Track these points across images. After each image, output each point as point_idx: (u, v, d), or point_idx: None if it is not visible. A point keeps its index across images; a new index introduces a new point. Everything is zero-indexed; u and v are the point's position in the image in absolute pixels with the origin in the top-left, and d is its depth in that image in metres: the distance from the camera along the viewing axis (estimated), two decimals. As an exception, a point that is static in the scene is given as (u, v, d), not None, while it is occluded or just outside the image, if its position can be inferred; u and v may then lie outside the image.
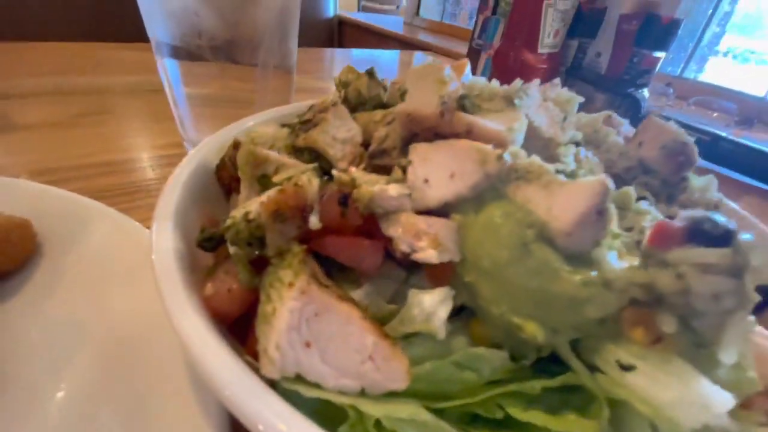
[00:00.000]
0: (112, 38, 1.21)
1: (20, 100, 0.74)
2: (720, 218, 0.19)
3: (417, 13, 2.51)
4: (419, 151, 0.24)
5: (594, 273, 0.19)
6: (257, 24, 0.49)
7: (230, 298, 0.22)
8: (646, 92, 1.19)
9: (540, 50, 1.11)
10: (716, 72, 1.66)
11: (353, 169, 0.25)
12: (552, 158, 0.29)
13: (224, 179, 0.34)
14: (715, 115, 1.35)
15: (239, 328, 0.24)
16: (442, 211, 0.23)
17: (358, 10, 4.68)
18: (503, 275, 0.20)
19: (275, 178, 0.23)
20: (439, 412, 0.21)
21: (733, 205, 0.41)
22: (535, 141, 0.29)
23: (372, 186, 0.22)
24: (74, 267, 0.35)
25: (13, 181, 0.38)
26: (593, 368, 0.21)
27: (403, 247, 0.22)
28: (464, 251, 0.22)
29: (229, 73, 0.53)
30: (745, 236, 0.18)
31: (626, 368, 0.19)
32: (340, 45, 2.51)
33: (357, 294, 0.23)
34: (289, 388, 0.18)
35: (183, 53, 0.49)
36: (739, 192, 0.86)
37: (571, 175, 0.23)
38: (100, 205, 0.38)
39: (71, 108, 0.76)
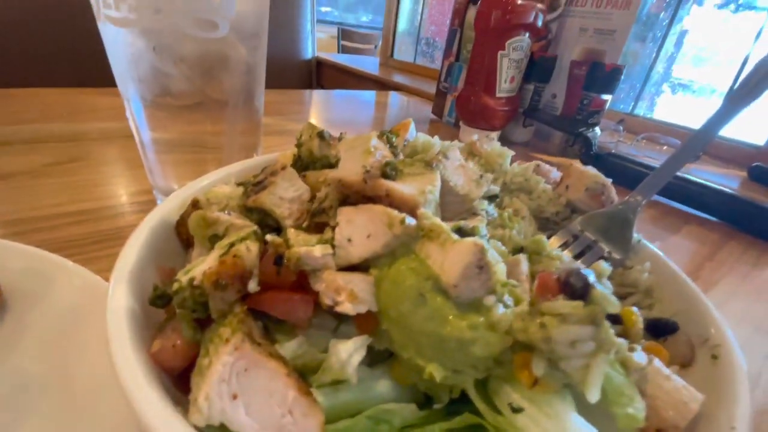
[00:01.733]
0: (92, 83, 1.25)
1: (-4, 150, 0.77)
2: (585, 272, 0.23)
3: (391, 54, 2.66)
4: (345, 214, 0.28)
5: (482, 318, 0.23)
6: (224, 86, 0.54)
7: (174, 353, 0.24)
8: (598, 130, 1.29)
9: (498, 94, 1.21)
10: (665, 108, 1.81)
11: (291, 230, 0.29)
12: (468, 211, 0.34)
13: (183, 234, 0.37)
14: (664, 148, 1.46)
15: (185, 379, 0.26)
16: (364, 265, 0.27)
17: (338, 51, 4.89)
18: (407, 322, 0.24)
19: (218, 244, 0.26)
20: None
21: (649, 245, 0.46)
22: (452, 197, 0.33)
23: (302, 246, 0.26)
24: (37, 323, 0.37)
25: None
26: (497, 409, 0.24)
27: (326, 300, 0.25)
28: (379, 302, 0.25)
29: (196, 117, 0.56)
30: (600, 288, 0.22)
31: (516, 410, 0.22)
32: (319, 85, 2.62)
33: (292, 344, 0.26)
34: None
35: (154, 105, 0.53)
36: (681, 222, 0.93)
37: (471, 232, 0.27)
38: (64, 260, 0.40)
39: (45, 156, 0.79)
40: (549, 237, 0.48)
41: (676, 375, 0.28)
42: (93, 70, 1.45)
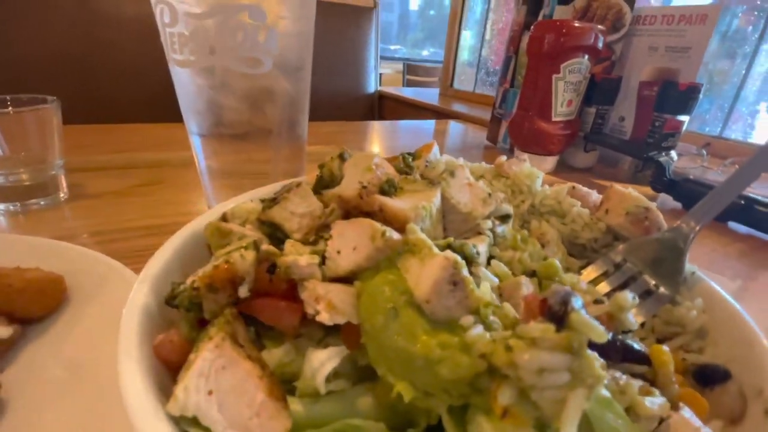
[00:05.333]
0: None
1: (93, 173, 0.92)
2: (568, 294, 0.21)
3: (451, 84, 2.70)
4: (338, 227, 0.29)
5: (455, 338, 0.22)
6: (267, 116, 0.60)
7: (172, 348, 0.27)
8: (674, 154, 1.16)
9: (554, 118, 1.16)
10: (764, 131, 1.58)
11: (289, 242, 0.30)
12: (472, 230, 0.33)
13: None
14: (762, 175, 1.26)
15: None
16: (351, 278, 0.28)
17: (404, 85, 5.09)
18: (379, 337, 0.23)
19: (218, 253, 0.29)
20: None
21: (703, 276, 0.40)
22: (455, 215, 0.33)
23: (293, 256, 0.27)
24: (92, 317, 0.43)
25: (57, 243, 0.49)
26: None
27: (309, 309, 0.26)
28: (359, 315, 0.25)
29: (245, 148, 0.63)
30: (580, 314, 0.20)
31: None
32: (381, 117, 2.74)
33: (278, 351, 0.27)
34: (184, 428, 0.22)
35: (210, 139, 0.60)
36: (780, 260, 0.78)
37: (460, 249, 0.26)
38: (122, 267, 0.46)
39: (132, 179, 0.92)
40: (586, 266, 0.45)
41: (709, 429, 0.24)
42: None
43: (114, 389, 0.34)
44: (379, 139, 1.68)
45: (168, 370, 0.28)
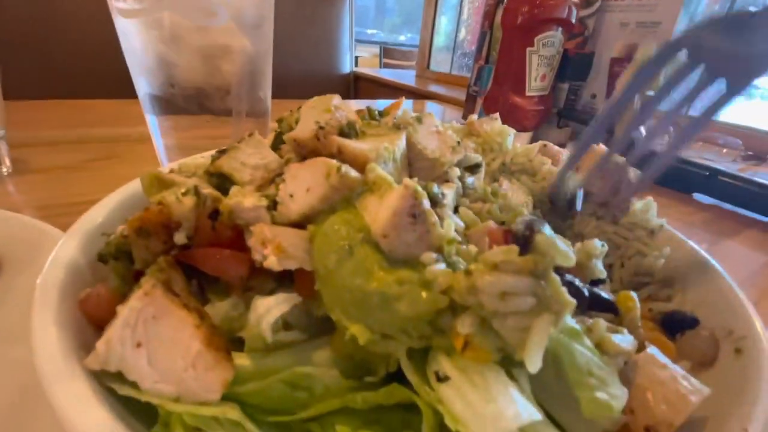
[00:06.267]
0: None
1: (41, 148, 0.85)
2: (535, 222, 0.19)
3: (427, 66, 2.66)
4: (291, 170, 0.26)
5: (415, 274, 0.20)
6: (224, 75, 0.56)
7: (99, 302, 0.24)
8: (642, 130, 1.18)
9: (528, 93, 1.15)
10: (732, 111, 1.63)
11: (235, 187, 0.28)
12: (440, 178, 0.31)
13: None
14: (724, 151, 1.31)
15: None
16: (305, 224, 0.25)
17: (380, 67, 5.01)
18: (333, 279, 0.21)
19: (152, 198, 0.25)
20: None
21: (672, 230, 0.40)
22: (422, 162, 0.30)
23: (237, 198, 0.25)
24: (25, 285, 0.38)
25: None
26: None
27: (256, 255, 0.23)
28: (313, 260, 0.23)
29: (203, 123, 0.59)
30: (546, 236, 0.18)
31: (441, 379, 0.18)
32: (356, 98, 2.68)
33: (224, 305, 0.24)
34: (106, 384, 0.19)
35: (162, 103, 0.56)
36: (741, 226, 0.81)
37: (425, 188, 0.24)
38: (57, 231, 0.42)
39: (86, 154, 0.85)
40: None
41: (675, 365, 0.23)
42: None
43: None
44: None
45: (97, 329, 0.25)
